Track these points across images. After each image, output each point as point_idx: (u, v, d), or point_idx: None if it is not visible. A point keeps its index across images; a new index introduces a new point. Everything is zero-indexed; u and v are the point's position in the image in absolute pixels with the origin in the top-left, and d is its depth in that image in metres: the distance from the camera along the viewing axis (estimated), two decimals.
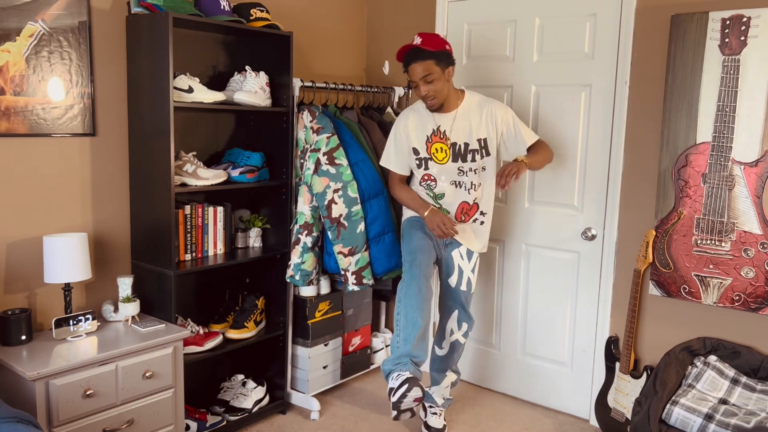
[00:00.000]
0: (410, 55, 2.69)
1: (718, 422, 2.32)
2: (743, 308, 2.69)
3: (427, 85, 2.69)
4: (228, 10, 2.80)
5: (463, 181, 2.83)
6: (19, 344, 2.35)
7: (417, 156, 2.85)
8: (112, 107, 2.71)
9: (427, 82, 2.68)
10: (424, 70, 2.66)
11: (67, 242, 2.42)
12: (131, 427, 2.39)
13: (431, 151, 2.82)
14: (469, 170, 2.82)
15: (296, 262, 3.06)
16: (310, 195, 3.06)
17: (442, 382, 3.08)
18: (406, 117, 2.88)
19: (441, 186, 2.85)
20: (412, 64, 2.68)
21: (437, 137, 2.81)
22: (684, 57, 2.74)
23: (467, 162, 2.81)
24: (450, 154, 2.81)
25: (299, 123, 3.13)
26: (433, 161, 2.83)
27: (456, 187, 2.84)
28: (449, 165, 2.82)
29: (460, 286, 2.94)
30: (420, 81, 2.68)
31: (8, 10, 2.36)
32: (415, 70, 2.68)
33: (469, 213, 2.89)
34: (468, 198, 2.86)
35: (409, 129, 2.86)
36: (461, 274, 2.93)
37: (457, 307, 2.98)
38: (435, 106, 2.75)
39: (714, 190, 2.71)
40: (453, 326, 2.99)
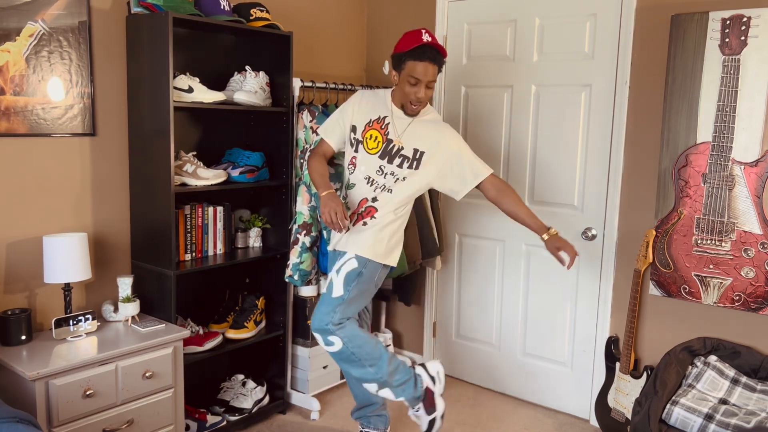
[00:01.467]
0: (434, 54, 2.48)
1: (718, 422, 2.32)
2: (743, 308, 2.69)
3: (427, 90, 2.54)
4: (228, 10, 2.80)
5: (377, 180, 2.61)
6: (19, 344, 2.35)
7: (354, 135, 2.67)
8: (112, 107, 2.71)
9: (429, 88, 2.54)
10: (434, 75, 2.52)
11: (67, 242, 2.42)
12: (131, 427, 2.38)
13: (365, 136, 2.64)
14: (389, 173, 2.59)
15: (295, 262, 3.06)
16: (309, 195, 3.06)
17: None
18: (362, 95, 2.71)
19: (356, 176, 2.64)
20: (430, 63, 2.48)
21: (378, 125, 2.62)
22: (684, 57, 2.74)
23: (391, 165, 2.59)
24: (381, 148, 2.61)
25: (299, 123, 3.13)
26: (362, 146, 2.64)
27: (367, 183, 2.62)
28: (374, 158, 2.61)
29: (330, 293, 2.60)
30: (426, 83, 2.51)
31: (8, 10, 2.35)
32: (429, 70, 2.49)
33: (361, 214, 2.63)
34: (369, 194, 2.61)
35: (360, 105, 2.68)
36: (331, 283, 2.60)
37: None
38: (416, 112, 2.60)
39: (714, 190, 2.71)
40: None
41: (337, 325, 2.55)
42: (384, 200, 2.61)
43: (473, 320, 3.62)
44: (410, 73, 2.50)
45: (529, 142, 3.30)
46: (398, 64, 2.54)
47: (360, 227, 2.62)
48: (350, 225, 2.63)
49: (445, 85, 3.59)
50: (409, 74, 2.50)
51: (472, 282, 3.60)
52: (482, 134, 3.46)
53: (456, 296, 3.69)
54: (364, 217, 2.63)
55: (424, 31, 2.51)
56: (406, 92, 2.54)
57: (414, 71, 2.49)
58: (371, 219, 2.61)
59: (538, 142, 3.27)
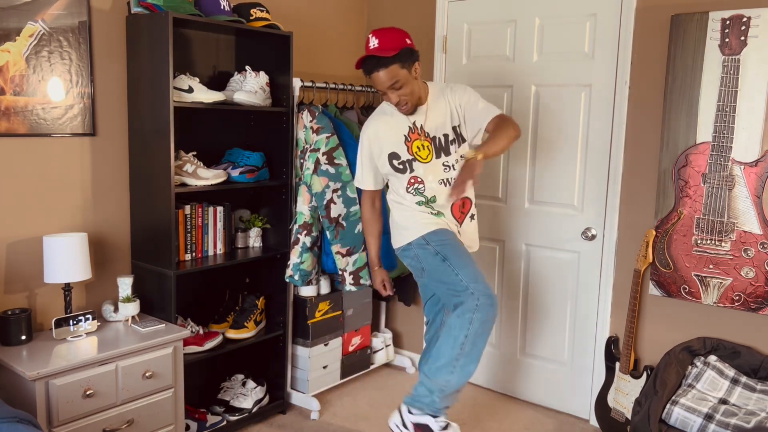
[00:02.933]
0: (369, 64, 2.41)
1: (718, 422, 2.32)
2: (743, 308, 2.69)
3: (397, 91, 2.44)
4: (228, 10, 2.80)
5: (450, 177, 2.58)
6: (19, 344, 2.35)
7: (398, 160, 2.57)
8: (112, 107, 2.71)
9: (396, 89, 2.44)
10: (390, 78, 2.41)
11: (67, 242, 2.42)
12: (131, 427, 2.38)
13: (413, 151, 2.57)
14: (455, 163, 2.59)
15: (295, 262, 3.06)
16: (309, 195, 3.06)
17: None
18: (375, 123, 2.62)
19: (430, 187, 2.57)
20: (375, 73, 2.41)
21: (415, 134, 2.57)
22: (684, 57, 2.74)
23: (450, 155, 2.58)
24: (432, 150, 2.57)
25: (299, 123, 3.13)
26: (417, 161, 2.56)
27: (445, 185, 2.58)
28: (434, 162, 2.57)
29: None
30: (388, 90, 2.44)
31: (8, 10, 2.35)
32: (379, 79, 2.42)
33: (464, 210, 2.66)
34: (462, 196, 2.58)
35: (380, 135, 2.60)
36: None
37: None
38: (409, 110, 2.53)
39: (714, 190, 2.71)
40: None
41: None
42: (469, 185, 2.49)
43: None
44: (374, 85, 2.48)
45: (529, 142, 3.30)
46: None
47: (469, 224, 2.70)
48: (460, 228, 2.66)
49: None
50: (374, 85, 2.49)
51: None
52: None
53: None
54: (466, 212, 2.67)
55: (371, 36, 2.46)
56: (384, 99, 2.54)
57: (375, 83, 2.47)
58: (473, 207, 2.71)
59: (538, 142, 3.27)
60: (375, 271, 2.86)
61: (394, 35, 2.45)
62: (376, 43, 2.43)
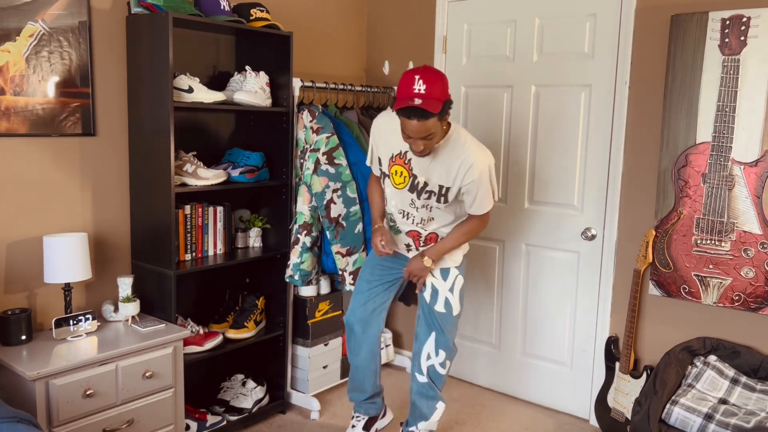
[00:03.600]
0: (418, 113, 2.22)
1: (718, 422, 2.32)
2: (743, 308, 2.69)
3: (424, 141, 2.32)
4: (228, 10, 2.80)
5: (412, 214, 2.60)
6: (19, 344, 2.35)
7: (380, 167, 2.64)
8: (112, 107, 2.71)
9: (425, 139, 2.31)
10: (427, 130, 2.27)
11: (67, 242, 2.42)
12: (131, 427, 2.39)
13: (390, 171, 2.57)
14: (421, 206, 2.56)
15: (295, 262, 3.06)
16: (309, 195, 3.06)
17: (431, 416, 2.81)
18: (380, 124, 2.58)
19: (390, 207, 2.66)
20: (415, 120, 2.24)
21: (401, 160, 2.52)
22: (684, 57, 2.74)
23: (420, 199, 2.54)
24: (408, 183, 2.54)
25: (299, 123, 3.13)
26: (389, 180, 2.58)
27: (404, 217, 2.63)
28: (404, 192, 2.56)
29: (434, 305, 2.70)
30: (419, 137, 2.30)
31: (8, 10, 2.36)
32: (414, 128, 2.26)
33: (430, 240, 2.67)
34: (417, 229, 2.65)
35: (381, 137, 2.58)
36: (436, 293, 2.70)
37: (433, 330, 2.72)
38: (425, 155, 2.41)
39: (714, 190, 2.71)
40: (430, 350, 2.74)
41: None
42: (435, 227, 2.64)
43: (473, 320, 3.63)
44: (403, 128, 2.31)
45: (529, 142, 3.30)
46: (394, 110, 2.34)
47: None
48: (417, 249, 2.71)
49: None
50: (402, 128, 2.32)
51: (472, 282, 3.60)
52: (482, 134, 3.46)
53: None
54: (432, 242, 2.67)
55: (417, 77, 2.23)
56: (405, 141, 2.37)
57: (405, 128, 2.30)
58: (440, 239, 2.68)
59: (538, 142, 3.27)
60: (375, 229, 2.67)
61: (441, 84, 2.27)
62: (422, 89, 2.22)
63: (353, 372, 2.92)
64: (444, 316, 2.70)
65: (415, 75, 2.24)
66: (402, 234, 2.71)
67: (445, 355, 2.75)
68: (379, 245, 2.60)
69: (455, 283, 2.71)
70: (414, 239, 2.70)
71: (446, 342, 2.73)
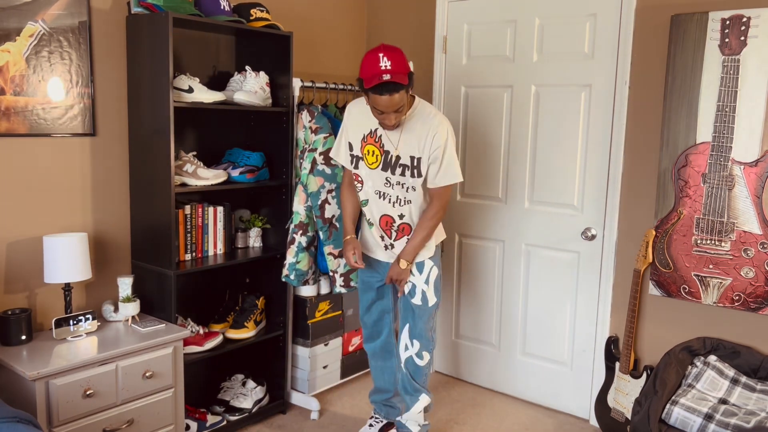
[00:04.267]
0: (390, 87, 2.34)
1: (718, 422, 2.32)
2: (743, 308, 2.69)
3: (397, 113, 2.43)
4: (228, 10, 2.80)
5: (388, 193, 2.63)
6: (19, 344, 2.36)
7: (351, 152, 2.67)
8: (112, 107, 2.71)
9: (397, 112, 2.43)
10: (399, 102, 2.39)
11: (67, 242, 2.42)
12: (131, 427, 2.39)
13: (363, 152, 2.63)
14: (396, 183, 2.61)
15: (291, 261, 3.05)
16: (305, 195, 3.06)
17: (413, 406, 2.87)
18: (351, 109, 2.66)
19: (365, 191, 2.67)
20: (386, 95, 2.35)
21: (372, 139, 2.60)
22: (684, 57, 2.74)
23: (395, 175, 2.59)
24: (381, 161, 2.60)
25: (299, 123, 3.13)
26: (363, 162, 2.64)
27: (380, 197, 2.65)
28: (378, 172, 2.61)
29: (411, 298, 2.74)
30: (392, 112, 2.41)
31: (8, 10, 2.36)
32: (390, 101, 2.37)
33: (402, 232, 2.69)
34: (392, 212, 2.65)
35: (351, 121, 2.65)
36: (414, 287, 2.74)
37: (408, 321, 2.78)
38: (394, 129, 2.52)
39: (714, 190, 2.71)
40: (406, 341, 2.81)
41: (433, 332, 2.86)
42: (409, 212, 2.66)
43: (473, 320, 3.63)
44: (374, 105, 2.41)
45: (529, 142, 3.30)
46: (363, 89, 2.43)
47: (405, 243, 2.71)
48: (392, 242, 2.72)
49: (445, 85, 3.59)
50: (373, 105, 2.42)
51: (472, 282, 3.60)
52: (482, 134, 3.47)
53: (456, 296, 3.69)
54: (404, 234, 2.70)
55: (381, 56, 2.36)
56: (377, 117, 2.47)
57: (376, 104, 2.40)
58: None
59: (538, 142, 3.27)
60: (345, 241, 2.73)
61: (402, 58, 2.40)
62: (388, 65, 2.35)
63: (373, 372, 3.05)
64: (420, 307, 2.75)
65: (378, 53, 2.38)
66: (375, 226, 2.73)
67: (420, 345, 2.79)
68: (351, 259, 2.71)
69: (430, 274, 2.74)
70: (386, 229, 2.70)
71: (421, 331, 2.78)
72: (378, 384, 3.04)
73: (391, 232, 2.70)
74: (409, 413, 2.90)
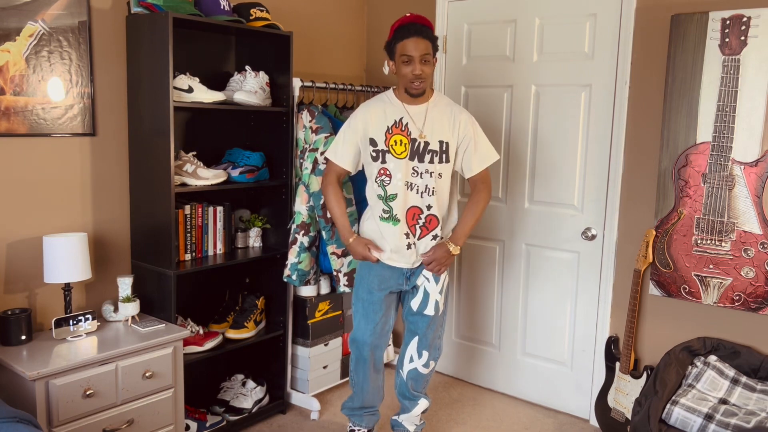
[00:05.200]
0: (418, 28, 2.47)
1: (718, 422, 2.32)
2: (743, 308, 2.69)
3: (424, 66, 2.49)
4: (228, 10, 2.80)
5: (416, 183, 2.58)
6: (19, 344, 2.35)
7: (375, 148, 2.60)
8: (112, 107, 2.71)
9: (424, 62, 2.49)
10: (426, 49, 2.47)
11: (67, 242, 2.42)
12: (131, 427, 2.38)
13: (390, 143, 2.58)
14: (424, 172, 2.58)
15: (293, 261, 3.06)
16: (307, 195, 3.06)
17: (413, 410, 2.86)
18: (368, 106, 2.65)
19: (394, 184, 2.58)
20: (418, 37, 2.46)
21: (398, 129, 2.58)
22: (684, 57, 2.74)
23: (423, 163, 2.57)
24: (409, 149, 2.57)
25: (299, 123, 3.13)
26: (390, 154, 2.58)
27: (408, 188, 2.58)
28: (406, 162, 2.57)
29: (424, 309, 2.69)
30: (419, 58, 2.47)
31: (8, 10, 2.35)
32: (418, 45, 2.46)
33: (427, 226, 2.62)
34: (420, 203, 2.59)
35: (369, 118, 2.61)
36: (426, 296, 2.69)
37: (418, 333, 2.73)
38: (420, 90, 2.54)
39: (714, 190, 2.71)
40: (413, 353, 2.76)
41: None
42: (437, 204, 2.61)
43: (473, 320, 3.63)
44: (402, 52, 2.50)
45: (529, 141, 3.30)
46: (391, 52, 2.56)
47: (429, 242, 2.64)
48: (416, 240, 2.62)
49: (445, 85, 3.59)
50: (401, 54, 2.50)
51: (472, 282, 3.60)
52: None
53: (456, 296, 3.69)
54: (429, 230, 2.63)
55: (408, 15, 2.55)
56: (404, 74, 2.52)
57: (405, 49, 2.48)
58: (438, 229, 2.63)
59: (538, 142, 3.27)
60: (353, 242, 2.67)
61: (429, 22, 2.55)
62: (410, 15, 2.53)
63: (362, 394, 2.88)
64: (433, 318, 2.71)
65: (405, 16, 2.56)
66: (401, 223, 2.60)
67: (428, 355, 2.76)
68: (371, 255, 2.63)
69: (444, 283, 2.72)
70: (413, 224, 2.61)
71: (428, 342, 2.75)
72: (368, 401, 2.90)
73: (416, 228, 2.61)
74: (408, 415, 2.88)
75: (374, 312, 2.72)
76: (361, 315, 2.75)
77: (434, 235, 2.63)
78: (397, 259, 2.65)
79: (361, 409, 2.92)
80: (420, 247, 2.63)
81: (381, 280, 2.69)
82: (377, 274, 2.69)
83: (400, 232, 2.61)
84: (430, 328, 2.73)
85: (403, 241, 2.62)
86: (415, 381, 2.81)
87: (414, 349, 2.76)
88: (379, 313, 2.73)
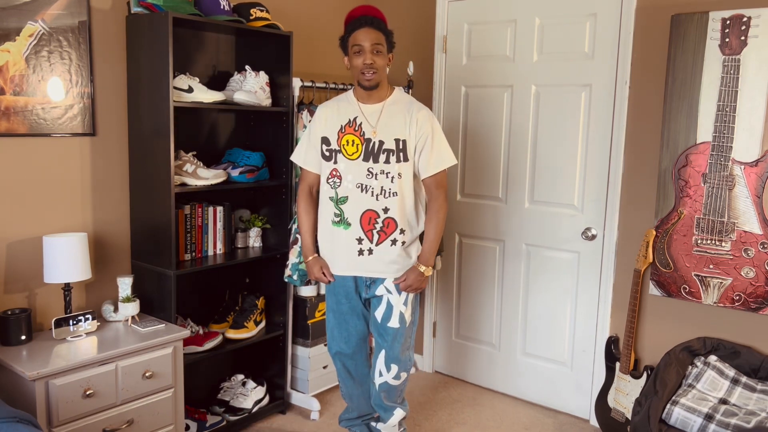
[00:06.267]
0: (368, 19, 2.47)
1: (718, 422, 2.32)
2: (743, 308, 2.69)
3: (376, 57, 2.45)
4: (228, 9, 2.80)
5: (371, 185, 2.49)
6: (19, 344, 2.35)
7: (327, 147, 2.54)
8: (112, 107, 2.71)
9: (377, 54, 2.45)
10: (377, 39, 2.45)
11: (67, 242, 2.42)
12: (131, 427, 2.38)
13: (341, 143, 2.52)
14: (380, 173, 2.48)
15: (294, 262, 3.05)
16: None
17: (388, 420, 2.76)
18: (325, 106, 2.61)
19: (345, 186, 2.51)
20: (368, 27, 2.45)
21: (351, 128, 2.51)
22: (684, 57, 2.74)
23: (378, 163, 2.48)
24: (362, 150, 2.50)
25: (299, 123, 3.13)
26: (342, 155, 2.51)
27: (362, 191, 2.50)
28: (359, 162, 2.50)
29: (387, 321, 2.58)
30: (369, 48, 2.43)
31: (8, 10, 2.35)
32: (369, 34, 2.44)
33: (385, 230, 2.52)
34: (375, 206, 2.49)
35: (325, 116, 2.57)
36: (390, 308, 2.58)
37: (384, 347, 2.62)
38: (373, 82, 2.46)
39: (714, 190, 2.71)
40: (381, 368, 2.65)
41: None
42: (396, 206, 2.51)
43: (473, 320, 3.63)
44: (353, 43, 2.47)
45: (529, 141, 3.30)
46: (345, 47, 2.53)
47: (388, 248, 2.53)
48: (373, 246, 2.52)
49: (445, 85, 3.59)
50: (352, 45, 2.47)
51: (472, 282, 3.60)
52: (482, 134, 3.47)
53: (456, 296, 3.69)
54: (387, 234, 2.52)
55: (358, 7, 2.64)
56: (355, 65, 2.47)
57: (355, 40, 2.46)
58: (399, 234, 2.52)
59: (538, 142, 3.27)
60: (310, 261, 2.64)
61: (381, 13, 2.59)
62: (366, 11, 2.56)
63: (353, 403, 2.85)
64: (397, 330, 2.60)
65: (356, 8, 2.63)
66: (352, 228, 2.52)
67: (398, 368, 2.65)
68: (323, 277, 2.61)
69: (410, 294, 2.60)
70: (368, 228, 2.51)
71: (397, 355, 2.62)
72: (363, 410, 2.86)
73: (373, 233, 2.51)
74: (385, 425, 2.79)
75: (345, 321, 2.67)
76: (334, 325, 2.70)
77: (393, 240, 2.52)
78: (349, 268, 2.58)
79: (358, 418, 2.89)
80: (378, 254, 2.53)
81: (346, 291, 2.63)
82: (341, 285, 2.63)
83: (352, 236, 2.53)
84: (397, 340, 2.61)
85: (352, 249, 2.54)
86: (387, 393, 2.70)
87: (382, 363, 2.65)
88: (350, 322, 2.66)
